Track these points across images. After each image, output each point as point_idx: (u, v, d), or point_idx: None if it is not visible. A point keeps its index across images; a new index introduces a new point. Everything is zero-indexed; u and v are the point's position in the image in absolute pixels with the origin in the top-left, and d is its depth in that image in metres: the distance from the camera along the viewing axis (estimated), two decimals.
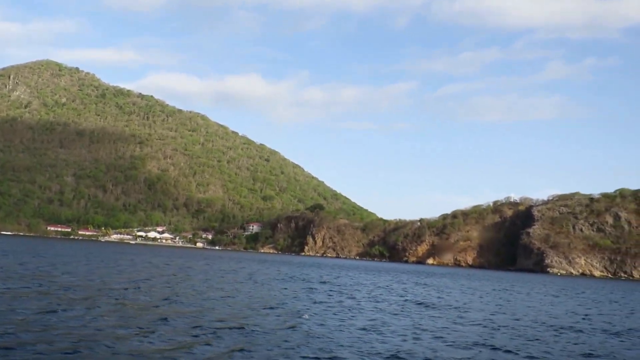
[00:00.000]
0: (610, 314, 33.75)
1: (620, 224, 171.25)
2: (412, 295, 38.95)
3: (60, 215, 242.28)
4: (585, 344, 20.50)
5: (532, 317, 29.70)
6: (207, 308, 22.34)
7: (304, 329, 18.94)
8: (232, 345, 15.03)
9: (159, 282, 33.76)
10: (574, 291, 64.17)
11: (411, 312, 27.35)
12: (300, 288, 36.99)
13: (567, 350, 18.61)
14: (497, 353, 17.26)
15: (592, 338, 22.34)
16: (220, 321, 18.91)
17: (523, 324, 25.79)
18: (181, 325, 17.60)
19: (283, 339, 16.48)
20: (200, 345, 14.72)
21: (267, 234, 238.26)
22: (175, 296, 26.40)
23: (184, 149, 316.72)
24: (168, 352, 13.74)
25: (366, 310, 26.59)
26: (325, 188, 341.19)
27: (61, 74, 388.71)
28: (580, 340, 21.27)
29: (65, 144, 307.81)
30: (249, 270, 55.79)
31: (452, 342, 18.50)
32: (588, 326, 26.84)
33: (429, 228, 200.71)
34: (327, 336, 17.77)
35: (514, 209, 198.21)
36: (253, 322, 19.19)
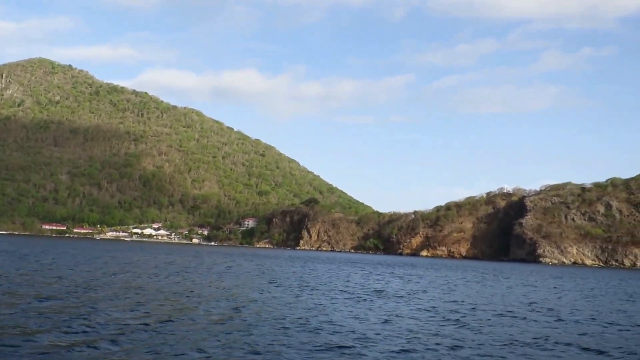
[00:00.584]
0: (559, 303, 34.05)
1: (612, 213, 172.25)
2: (368, 285, 39.52)
3: (55, 213, 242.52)
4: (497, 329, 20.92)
5: (468, 302, 30.51)
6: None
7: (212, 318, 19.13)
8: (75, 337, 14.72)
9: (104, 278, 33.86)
10: (549, 279, 64.77)
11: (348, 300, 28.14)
12: (264, 282, 37.39)
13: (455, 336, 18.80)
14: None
15: (514, 324, 22.68)
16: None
17: (450, 308, 26.55)
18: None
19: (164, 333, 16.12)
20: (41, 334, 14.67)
21: (262, 228, 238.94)
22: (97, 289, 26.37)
23: (178, 145, 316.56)
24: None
25: (306, 300, 27.28)
26: (321, 182, 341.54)
27: (54, 71, 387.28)
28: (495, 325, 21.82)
29: (59, 142, 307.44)
30: (225, 266, 56.21)
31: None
32: (524, 312, 27.12)
33: (422, 220, 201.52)
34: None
35: (507, 199, 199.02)
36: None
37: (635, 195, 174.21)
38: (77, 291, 25.34)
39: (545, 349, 16.92)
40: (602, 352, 17.02)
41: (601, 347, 17.76)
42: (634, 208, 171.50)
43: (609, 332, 21.45)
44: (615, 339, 19.66)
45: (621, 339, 20.02)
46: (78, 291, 25.33)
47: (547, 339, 18.55)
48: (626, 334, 21.26)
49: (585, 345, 17.74)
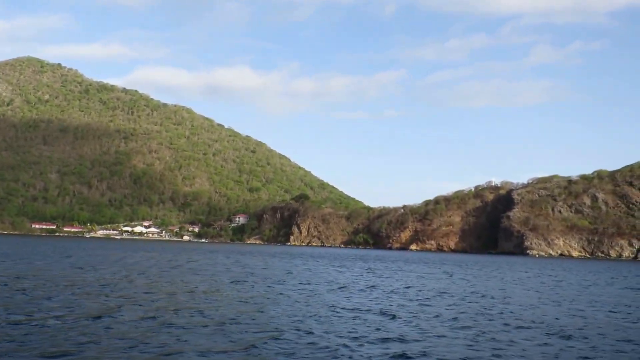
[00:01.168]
0: (508, 293, 34.46)
1: (598, 205, 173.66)
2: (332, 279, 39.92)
3: (44, 212, 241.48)
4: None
5: (414, 291, 31.02)
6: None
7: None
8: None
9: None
10: (521, 271, 65.43)
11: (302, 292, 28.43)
12: (226, 280, 37.68)
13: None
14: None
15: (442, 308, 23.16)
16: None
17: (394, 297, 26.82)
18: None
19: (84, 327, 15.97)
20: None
21: (253, 225, 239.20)
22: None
23: (169, 142, 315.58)
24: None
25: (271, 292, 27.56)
26: (312, 178, 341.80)
27: (43, 70, 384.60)
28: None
29: (49, 141, 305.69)
30: (199, 263, 56.42)
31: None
32: (459, 301, 27.57)
33: (412, 214, 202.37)
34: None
35: (495, 193, 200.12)
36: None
37: (620, 187, 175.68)
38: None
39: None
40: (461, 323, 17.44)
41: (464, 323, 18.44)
42: (620, 200, 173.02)
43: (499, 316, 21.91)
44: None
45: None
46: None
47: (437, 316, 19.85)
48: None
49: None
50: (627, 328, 19.69)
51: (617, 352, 15.28)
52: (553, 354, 14.51)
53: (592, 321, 21.17)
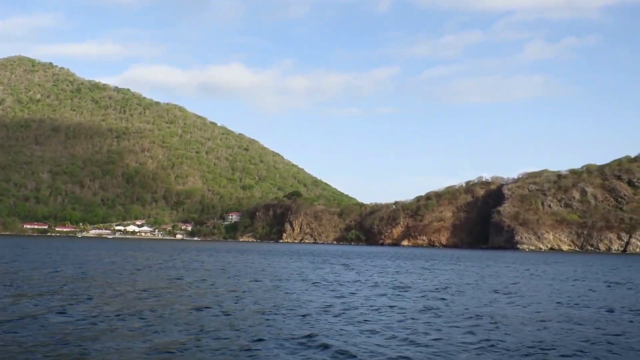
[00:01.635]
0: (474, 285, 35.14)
1: (587, 199, 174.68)
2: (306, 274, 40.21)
3: (36, 212, 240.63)
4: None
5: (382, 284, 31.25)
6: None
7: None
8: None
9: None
10: (501, 265, 65.94)
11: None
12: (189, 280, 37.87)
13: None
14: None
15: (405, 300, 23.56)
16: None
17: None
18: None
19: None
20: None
21: (245, 222, 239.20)
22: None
23: (161, 141, 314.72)
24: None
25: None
26: (305, 175, 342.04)
27: (34, 69, 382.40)
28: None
29: (40, 141, 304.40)
30: (180, 261, 56.61)
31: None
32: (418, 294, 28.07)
33: (403, 210, 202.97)
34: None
35: (486, 188, 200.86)
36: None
37: (609, 180, 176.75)
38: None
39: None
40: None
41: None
42: (609, 193, 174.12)
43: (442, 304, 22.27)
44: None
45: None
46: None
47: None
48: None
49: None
50: (535, 321, 19.48)
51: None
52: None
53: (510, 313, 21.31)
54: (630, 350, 14.60)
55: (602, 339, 15.75)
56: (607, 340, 15.59)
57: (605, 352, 14.24)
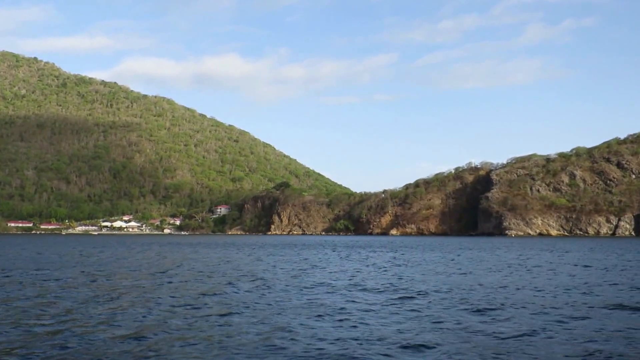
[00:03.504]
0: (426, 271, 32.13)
1: (576, 183, 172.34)
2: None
3: (21, 210, 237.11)
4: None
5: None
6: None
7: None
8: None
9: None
10: (464, 251, 63.13)
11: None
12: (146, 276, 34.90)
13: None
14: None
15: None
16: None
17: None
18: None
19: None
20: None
21: (234, 215, 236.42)
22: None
23: (149, 135, 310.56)
24: None
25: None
26: (297, 166, 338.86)
27: (19, 65, 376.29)
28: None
29: (25, 137, 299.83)
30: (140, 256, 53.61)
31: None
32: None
33: (392, 199, 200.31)
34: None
35: (475, 174, 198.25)
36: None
37: (598, 163, 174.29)
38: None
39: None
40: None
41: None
42: (597, 176, 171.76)
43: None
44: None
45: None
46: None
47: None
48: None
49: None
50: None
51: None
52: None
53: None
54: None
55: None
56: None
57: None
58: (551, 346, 11.96)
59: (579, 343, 12.22)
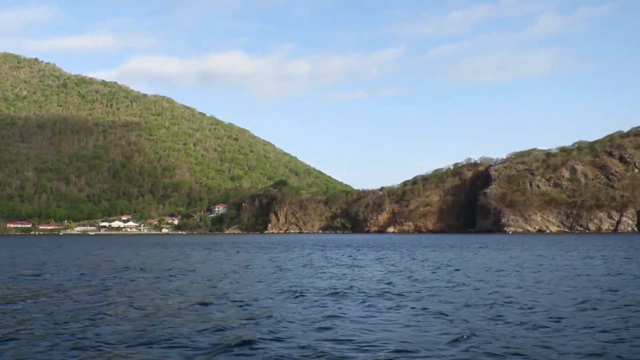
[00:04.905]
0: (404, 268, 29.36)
1: (577, 177, 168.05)
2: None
3: (20, 211, 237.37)
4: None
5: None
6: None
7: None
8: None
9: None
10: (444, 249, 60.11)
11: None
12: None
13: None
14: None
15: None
16: None
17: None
18: None
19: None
20: None
21: (232, 214, 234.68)
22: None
23: (148, 134, 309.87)
24: None
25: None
26: (297, 164, 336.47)
27: (20, 66, 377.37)
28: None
29: (26, 138, 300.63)
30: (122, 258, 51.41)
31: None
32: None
33: (389, 196, 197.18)
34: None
35: (474, 170, 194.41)
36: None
37: (600, 157, 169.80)
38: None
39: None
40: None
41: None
42: (599, 171, 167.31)
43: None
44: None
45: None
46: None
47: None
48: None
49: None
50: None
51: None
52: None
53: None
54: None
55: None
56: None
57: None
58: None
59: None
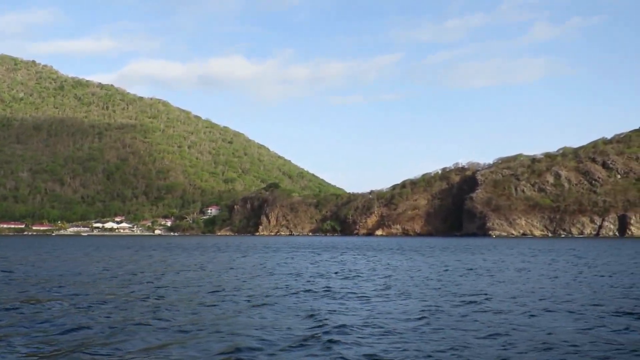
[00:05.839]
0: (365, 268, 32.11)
1: (561, 183, 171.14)
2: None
3: (14, 211, 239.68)
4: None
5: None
6: None
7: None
8: None
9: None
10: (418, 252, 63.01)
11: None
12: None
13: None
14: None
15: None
16: None
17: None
18: None
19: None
20: None
21: (224, 216, 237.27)
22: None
23: (143, 136, 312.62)
24: None
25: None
26: (291, 167, 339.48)
27: (17, 68, 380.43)
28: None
29: (22, 140, 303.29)
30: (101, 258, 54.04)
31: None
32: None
33: (378, 199, 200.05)
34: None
35: (461, 174, 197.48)
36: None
37: (584, 163, 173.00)
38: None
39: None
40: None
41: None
42: (583, 176, 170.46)
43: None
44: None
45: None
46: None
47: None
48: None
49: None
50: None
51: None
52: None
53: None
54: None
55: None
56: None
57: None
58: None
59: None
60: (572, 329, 13.44)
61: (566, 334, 12.79)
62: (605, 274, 29.14)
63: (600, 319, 14.64)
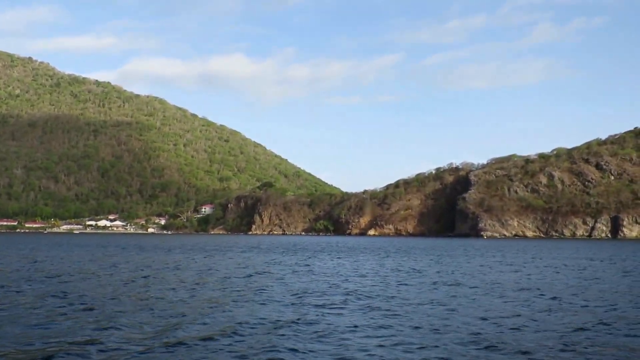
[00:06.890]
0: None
1: (554, 184, 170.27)
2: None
3: (7, 209, 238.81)
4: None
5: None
6: None
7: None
8: None
9: None
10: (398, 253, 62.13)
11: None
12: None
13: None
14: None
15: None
16: None
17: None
18: None
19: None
20: None
21: (217, 215, 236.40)
22: None
23: (139, 134, 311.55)
24: None
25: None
26: (287, 166, 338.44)
27: (14, 64, 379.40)
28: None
29: (17, 136, 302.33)
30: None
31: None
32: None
33: (371, 199, 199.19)
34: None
35: (455, 174, 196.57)
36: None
37: (577, 164, 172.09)
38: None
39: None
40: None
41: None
42: (576, 177, 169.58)
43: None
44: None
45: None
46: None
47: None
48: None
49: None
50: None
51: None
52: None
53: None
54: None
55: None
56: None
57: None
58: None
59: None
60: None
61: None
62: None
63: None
